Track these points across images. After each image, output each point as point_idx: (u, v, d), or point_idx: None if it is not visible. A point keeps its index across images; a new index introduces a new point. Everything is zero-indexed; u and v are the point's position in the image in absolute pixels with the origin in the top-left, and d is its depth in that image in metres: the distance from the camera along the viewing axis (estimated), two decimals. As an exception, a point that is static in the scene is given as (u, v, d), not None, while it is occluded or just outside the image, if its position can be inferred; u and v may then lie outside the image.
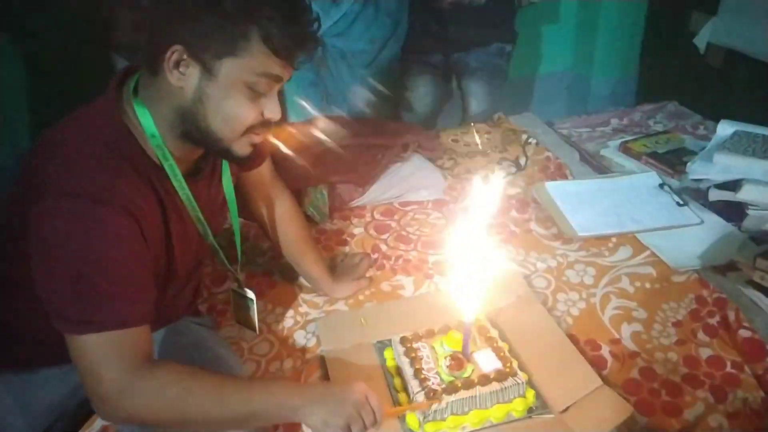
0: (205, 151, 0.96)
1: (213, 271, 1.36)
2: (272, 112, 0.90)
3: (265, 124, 0.91)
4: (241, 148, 0.92)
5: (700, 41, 2.39)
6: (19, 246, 0.85)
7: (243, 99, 0.86)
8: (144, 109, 0.88)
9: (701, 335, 1.17)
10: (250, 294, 1.15)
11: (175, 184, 0.92)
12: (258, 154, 1.13)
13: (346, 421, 0.88)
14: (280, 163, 1.27)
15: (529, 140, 1.90)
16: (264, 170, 1.20)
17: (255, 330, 1.18)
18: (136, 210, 0.83)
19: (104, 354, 0.79)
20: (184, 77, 0.84)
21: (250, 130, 0.90)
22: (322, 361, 1.14)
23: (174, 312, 1.10)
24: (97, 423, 1.04)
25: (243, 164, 1.05)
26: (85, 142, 0.84)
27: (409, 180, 1.63)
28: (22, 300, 0.91)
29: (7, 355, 0.99)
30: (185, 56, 0.83)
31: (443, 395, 0.98)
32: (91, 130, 0.86)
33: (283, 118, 0.99)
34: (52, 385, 1.01)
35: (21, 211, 0.82)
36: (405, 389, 1.03)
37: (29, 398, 0.99)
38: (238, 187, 1.14)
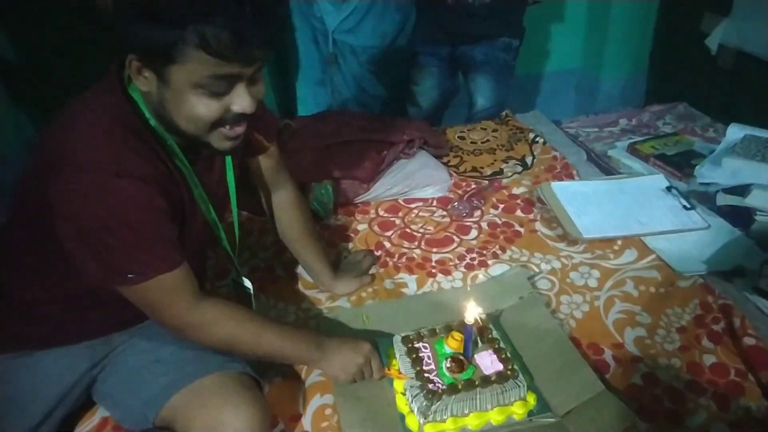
0: None
1: (216, 264, 1.35)
2: (240, 106, 0.87)
3: (236, 117, 0.89)
4: (218, 143, 0.91)
5: (712, 42, 2.37)
6: (35, 225, 0.90)
7: (201, 99, 0.85)
8: (138, 95, 0.90)
9: (705, 342, 1.16)
10: (248, 284, 1.15)
11: (176, 160, 0.93)
12: (261, 140, 1.14)
13: (358, 369, 1.03)
14: (285, 157, 1.26)
15: (536, 139, 1.88)
16: (270, 158, 1.20)
17: None
18: (148, 179, 0.86)
19: (159, 296, 0.90)
20: (147, 82, 0.85)
21: (219, 124, 0.89)
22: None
23: None
24: (97, 415, 1.04)
25: (226, 155, 1.03)
26: (96, 118, 0.87)
27: (414, 177, 1.62)
28: (36, 278, 0.97)
29: (23, 332, 1.00)
30: (140, 64, 0.83)
31: (443, 396, 0.97)
32: (101, 107, 0.88)
33: (292, 115, 0.98)
34: (59, 368, 1.01)
35: (39, 189, 0.85)
36: (404, 392, 1.03)
37: (41, 377, 0.99)
38: (245, 175, 1.14)
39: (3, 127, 2.11)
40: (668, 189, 1.59)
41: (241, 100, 0.87)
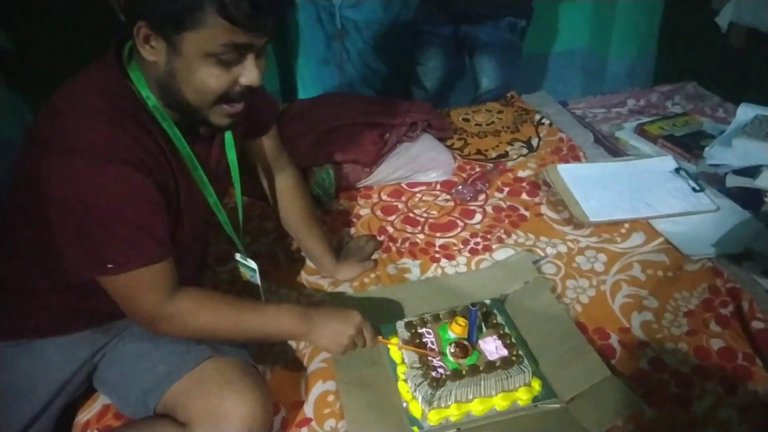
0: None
1: (217, 250, 1.34)
2: (248, 78, 0.87)
3: (243, 92, 0.88)
4: (218, 119, 0.91)
5: (722, 20, 2.31)
6: (31, 211, 0.90)
7: (212, 69, 0.84)
8: (138, 74, 0.89)
9: (713, 326, 1.14)
10: (252, 264, 1.14)
11: (175, 142, 0.92)
12: (260, 121, 1.13)
13: (350, 339, 1.00)
14: (285, 142, 1.25)
15: (542, 120, 1.85)
16: (270, 141, 1.18)
17: (261, 299, 1.17)
18: (141, 164, 0.85)
19: (136, 288, 0.88)
20: (154, 52, 0.84)
21: (224, 98, 0.88)
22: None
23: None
24: (98, 402, 1.04)
25: (223, 132, 1.02)
26: (91, 98, 0.86)
27: (417, 160, 1.60)
28: (35, 267, 0.96)
29: (23, 322, 0.99)
30: (150, 32, 0.82)
31: (447, 381, 0.96)
32: (96, 87, 0.87)
33: (292, 97, 0.96)
34: (60, 356, 1.00)
35: (33, 173, 0.84)
36: (406, 380, 1.02)
37: (41, 365, 0.99)
38: (245, 158, 1.13)
39: (1, 113, 2.10)
40: (677, 171, 1.56)
41: (249, 73, 0.86)
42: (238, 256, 1.15)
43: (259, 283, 1.15)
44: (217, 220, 1.06)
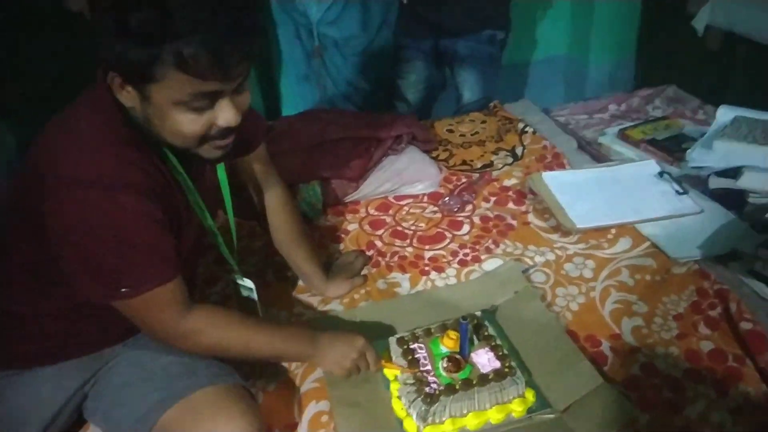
0: None
1: (205, 271, 1.33)
2: (225, 120, 0.85)
3: (223, 132, 0.87)
4: (208, 153, 0.90)
5: (699, 23, 2.35)
6: (27, 239, 0.90)
7: (184, 116, 0.83)
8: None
9: (702, 328, 1.15)
10: (249, 283, 1.14)
11: (171, 167, 0.92)
12: (249, 140, 1.12)
13: (353, 363, 1.02)
14: (270, 159, 1.24)
15: (526, 129, 1.86)
16: (258, 158, 1.18)
17: (259, 315, 1.17)
18: (145, 189, 0.86)
19: (150, 310, 0.89)
20: (130, 97, 0.84)
21: (206, 139, 0.87)
22: (317, 363, 1.12)
23: None
24: (89, 432, 1.03)
25: (216, 164, 1.02)
26: (89, 129, 0.86)
27: (403, 173, 1.60)
28: (26, 293, 0.96)
29: (14, 350, 0.99)
30: (121, 80, 0.82)
31: (441, 397, 0.96)
32: (93, 117, 0.87)
33: (276, 113, 0.96)
34: (50, 387, 0.99)
35: (31, 203, 0.84)
36: (400, 396, 1.01)
37: (31, 397, 0.98)
38: (234, 176, 1.13)
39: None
40: (660, 174, 1.58)
41: (225, 114, 0.85)
42: (234, 277, 1.16)
43: (256, 299, 1.16)
44: (207, 241, 1.06)
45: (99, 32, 0.79)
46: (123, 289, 0.87)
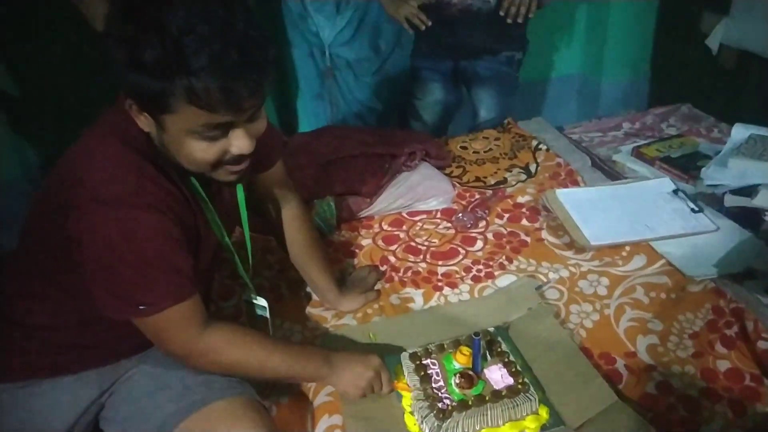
0: None
1: (220, 285, 1.35)
2: (238, 148, 0.87)
3: (236, 159, 0.89)
4: (224, 177, 0.92)
5: (713, 42, 2.35)
6: (49, 254, 0.92)
7: (198, 144, 0.84)
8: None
9: (719, 347, 1.14)
10: (262, 302, 1.15)
11: (191, 186, 0.94)
12: (267, 155, 1.13)
13: (368, 383, 1.02)
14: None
15: (540, 146, 1.87)
16: (275, 173, 1.19)
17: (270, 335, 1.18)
18: (165, 207, 0.87)
19: (167, 327, 0.90)
20: (147, 124, 0.86)
21: (220, 165, 0.89)
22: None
23: None
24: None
25: (233, 186, 1.03)
26: (112, 149, 0.88)
27: (417, 189, 1.61)
28: (46, 305, 0.97)
29: (34, 360, 1.00)
30: (137, 107, 0.84)
31: (453, 413, 0.96)
32: (115, 137, 0.88)
33: (293, 130, 0.98)
34: (68, 397, 1.01)
35: (55, 219, 0.86)
36: (412, 412, 1.01)
37: (50, 406, 0.99)
38: (250, 191, 1.14)
39: (4, 154, 2.13)
40: (675, 192, 1.57)
41: (238, 142, 0.86)
42: (248, 295, 1.16)
43: (268, 317, 1.16)
44: (222, 257, 1.07)
45: (113, 61, 0.80)
46: (141, 307, 0.88)
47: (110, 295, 0.88)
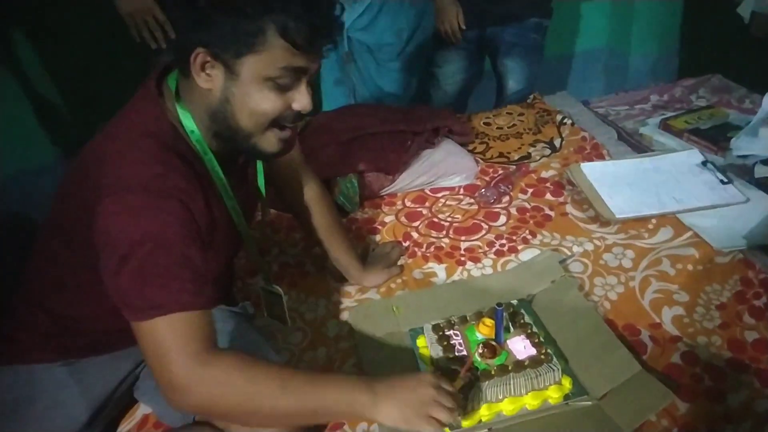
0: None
1: (246, 263, 1.37)
2: (301, 103, 0.89)
3: (294, 117, 0.91)
4: (270, 145, 0.92)
5: (744, 11, 2.28)
6: (77, 244, 0.90)
7: (268, 93, 0.86)
8: (185, 112, 0.90)
9: (747, 318, 1.12)
10: (278, 290, 1.15)
11: (213, 175, 0.94)
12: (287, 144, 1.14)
13: (427, 412, 0.84)
14: (308, 153, 1.27)
15: (564, 120, 1.85)
16: (293, 155, 1.20)
17: (287, 323, 1.19)
18: (188, 199, 0.85)
19: (172, 338, 0.79)
20: (210, 79, 0.86)
21: (277, 122, 0.90)
22: (354, 349, 1.14)
23: None
24: (139, 412, 1.07)
25: (272, 159, 1.04)
26: (136, 139, 0.87)
27: (439, 166, 1.61)
28: (79, 294, 0.97)
29: (69, 343, 1.02)
30: (208, 58, 0.84)
31: (476, 382, 0.97)
32: (139, 127, 0.88)
33: (316, 109, 0.98)
34: (105, 371, 1.04)
35: (81, 210, 0.85)
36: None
37: (87, 382, 1.02)
38: (270, 174, 1.15)
39: (38, 138, 2.19)
40: (704, 164, 1.54)
41: (302, 97, 0.89)
42: (262, 284, 1.17)
43: (286, 310, 1.16)
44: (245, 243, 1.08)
45: (197, 6, 0.82)
46: (151, 309, 0.79)
47: (118, 288, 0.81)
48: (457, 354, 1.03)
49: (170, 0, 0.86)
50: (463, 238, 1.42)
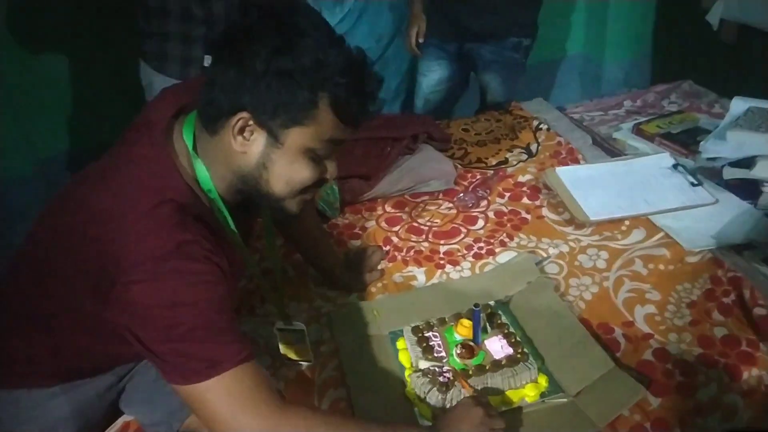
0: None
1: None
2: (331, 174, 0.90)
3: (320, 183, 0.91)
4: (294, 206, 0.91)
5: (713, 18, 2.35)
6: (53, 290, 0.87)
7: (308, 163, 0.85)
8: (202, 167, 0.87)
9: (716, 315, 1.16)
10: (300, 326, 1.12)
11: (226, 228, 0.91)
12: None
13: (484, 419, 0.88)
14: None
15: (540, 126, 1.89)
16: None
17: (310, 360, 1.13)
18: (217, 259, 0.83)
19: (239, 390, 0.79)
20: (248, 143, 0.83)
21: (305, 191, 0.90)
22: (336, 353, 1.15)
23: None
24: (120, 420, 1.07)
25: (290, 218, 0.97)
26: (155, 207, 0.80)
27: (419, 171, 1.63)
28: (72, 330, 0.92)
29: (60, 368, 0.99)
30: (251, 122, 0.81)
31: (454, 383, 0.99)
32: (156, 194, 0.82)
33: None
34: (91, 392, 1.03)
35: (100, 291, 0.79)
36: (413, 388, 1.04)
37: (73, 402, 1.00)
38: None
39: (15, 149, 2.16)
40: (674, 167, 1.59)
41: (332, 168, 0.90)
42: (279, 324, 1.12)
43: (309, 345, 1.12)
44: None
45: (251, 75, 0.78)
46: (207, 368, 0.78)
47: (171, 358, 0.79)
48: (435, 355, 1.05)
49: (219, 57, 0.82)
50: (442, 241, 1.45)
